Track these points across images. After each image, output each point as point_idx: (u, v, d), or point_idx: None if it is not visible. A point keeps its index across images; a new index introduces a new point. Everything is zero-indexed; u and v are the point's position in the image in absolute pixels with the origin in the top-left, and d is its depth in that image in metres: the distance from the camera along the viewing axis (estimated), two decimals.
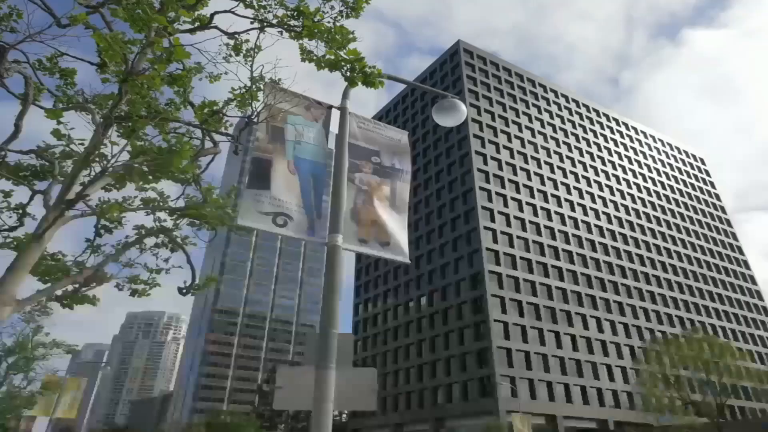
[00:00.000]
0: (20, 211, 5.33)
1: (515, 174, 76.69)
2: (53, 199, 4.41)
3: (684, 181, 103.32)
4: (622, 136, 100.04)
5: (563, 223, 76.26)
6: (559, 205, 78.10)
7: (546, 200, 77.01)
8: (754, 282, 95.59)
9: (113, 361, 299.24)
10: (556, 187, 79.90)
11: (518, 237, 70.03)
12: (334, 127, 6.21)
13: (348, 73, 5.62)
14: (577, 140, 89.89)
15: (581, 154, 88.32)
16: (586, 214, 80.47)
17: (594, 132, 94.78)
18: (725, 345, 45.46)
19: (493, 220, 69.06)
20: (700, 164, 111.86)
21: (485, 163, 74.28)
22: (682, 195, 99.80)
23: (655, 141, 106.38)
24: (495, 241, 67.37)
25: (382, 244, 5.65)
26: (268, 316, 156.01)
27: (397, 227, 5.86)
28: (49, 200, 4.47)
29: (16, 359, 21.95)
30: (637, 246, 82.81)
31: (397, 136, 6.59)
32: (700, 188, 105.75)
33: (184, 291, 6.10)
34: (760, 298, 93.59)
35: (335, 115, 6.24)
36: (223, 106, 5.69)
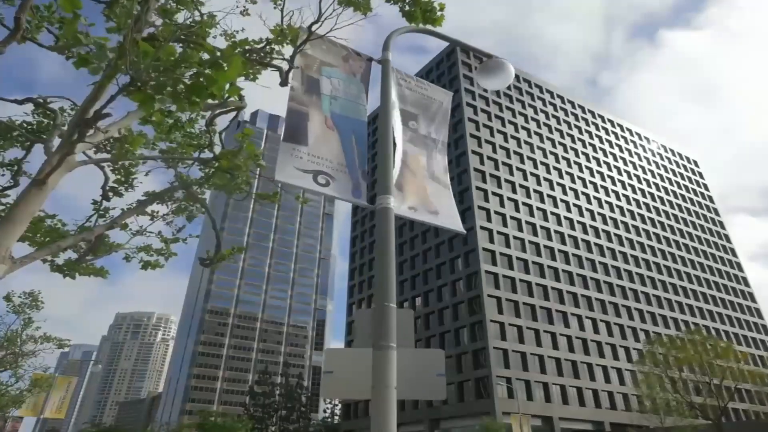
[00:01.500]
0: (14, 168, 4.59)
1: (512, 174, 76.30)
2: (56, 147, 3.67)
3: (678, 183, 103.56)
4: (617, 137, 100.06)
5: (559, 223, 75.97)
6: (555, 205, 77.82)
7: (542, 201, 76.68)
8: (746, 284, 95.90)
9: (101, 362, 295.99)
10: (552, 188, 79.63)
11: (514, 237, 69.60)
12: (372, 84, 5.52)
13: (408, 7, 4.90)
14: (573, 141, 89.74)
15: (577, 155, 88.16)
16: (582, 215, 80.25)
17: (590, 133, 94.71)
18: (727, 346, 45.16)
19: (489, 219, 68.56)
20: (693, 166, 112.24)
21: (482, 162, 73.82)
22: (676, 197, 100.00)
23: (649, 143, 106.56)
24: (491, 241, 66.87)
25: (431, 212, 4.95)
26: (259, 316, 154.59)
27: (443, 197, 5.18)
28: (51, 148, 3.72)
29: (4, 355, 20.98)
30: (632, 247, 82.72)
31: (439, 98, 5.90)
32: (694, 190, 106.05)
33: (207, 262, 5.36)
34: (753, 300, 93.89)
35: (375, 70, 5.55)
36: (264, 46, 4.91)
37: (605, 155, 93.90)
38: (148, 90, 2.67)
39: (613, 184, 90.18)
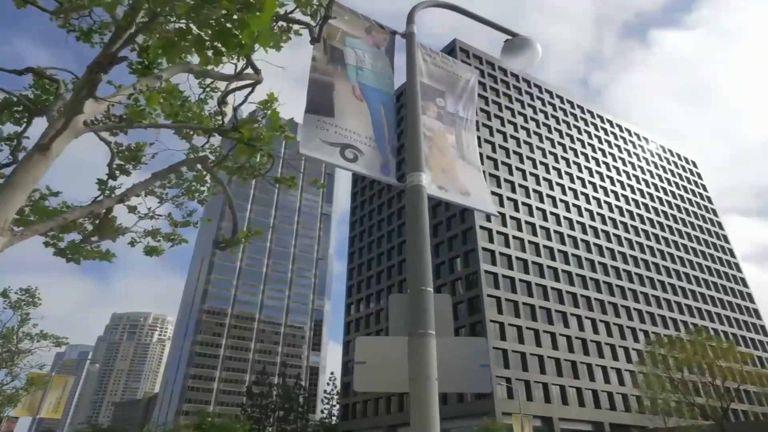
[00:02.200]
0: (14, 142, 4.22)
1: (511, 174, 76.06)
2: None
3: (676, 183, 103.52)
4: (615, 137, 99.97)
5: (559, 223, 75.76)
6: (555, 205, 77.61)
7: (542, 200, 76.47)
8: (745, 284, 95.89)
9: (98, 361, 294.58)
10: (551, 188, 79.43)
11: (514, 237, 69.34)
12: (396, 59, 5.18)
13: None
14: (572, 141, 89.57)
15: (576, 155, 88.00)
16: (581, 214, 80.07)
17: (588, 133, 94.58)
18: (729, 347, 44.96)
19: (489, 219, 68.26)
20: (691, 166, 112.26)
21: (481, 161, 73.18)
22: (674, 197, 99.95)
23: (648, 143, 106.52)
24: (491, 240, 66.59)
25: (462, 193, 4.61)
26: (256, 316, 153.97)
27: (474, 178, 4.84)
28: (53, 117, 3.36)
29: (0, 352, 20.47)
30: (632, 247, 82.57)
31: (465, 75, 5.56)
32: (692, 190, 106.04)
33: (223, 245, 5.00)
34: (751, 300, 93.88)
35: (398, 44, 5.21)
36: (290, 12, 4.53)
37: (604, 155, 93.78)
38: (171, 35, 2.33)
39: (612, 184, 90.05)
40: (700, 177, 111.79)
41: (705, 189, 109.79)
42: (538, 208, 74.96)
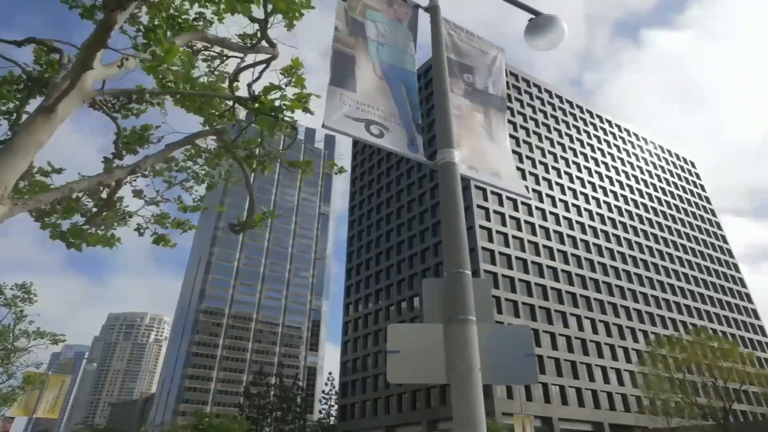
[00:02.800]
0: (13, 116, 3.91)
1: None
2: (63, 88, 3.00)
3: (675, 183, 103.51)
4: (614, 137, 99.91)
5: (558, 223, 75.59)
6: (554, 205, 77.44)
7: (541, 200, 76.28)
8: (743, 285, 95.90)
9: (96, 359, 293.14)
10: (550, 187, 79.25)
11: (514, 237, 69.13)
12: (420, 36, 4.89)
13: None
14: (572, 141, 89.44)
15: (575, 155, 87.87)
16: (580, 214, 79.92)
17: (588, 133, 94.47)
18: (732, 347, 44.76)
19: (488, 218, 68.07)
20: (689, 167, 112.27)
21: None
22: (673, 197, 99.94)
23: (647, 143, 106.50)
24: (491, 240, 66.37)
25: (492, 174, 4.33)
26: (254, 316, 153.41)
27: (503, 159, 4.55)
28: (56, 83, 3.06)
29: None
30: (631, 247, 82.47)
31: (492, 52, 5.27)
32: (691, 191, 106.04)
33: (238, 227, 4.70)
34: (750, 300, 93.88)
35: (422, 18, 4.92)
36: None
37: (603, 155, 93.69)
38: None
39: (611, 183, 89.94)
40: (698, 177, 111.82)
41: (703, 189, 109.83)
42: (537, 208, 74.78)
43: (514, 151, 78.94)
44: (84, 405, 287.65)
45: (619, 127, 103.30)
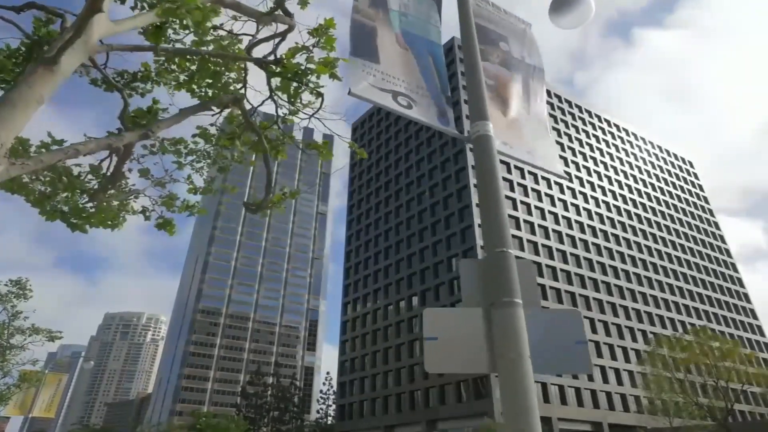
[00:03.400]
0: (11, 84, 3.59)
1: (509, 172, 75.56)
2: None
3: (673, 183, 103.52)
4: (613, 137, 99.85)
5: (557, 222, 75.40)
6: (553, 204, 77.25)
7: (540, 199, 76.08)
8: (741, 285, 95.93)
9: (92, 358, 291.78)
10: (549, 186, 79.06)
11: (513, 236, 68.83)
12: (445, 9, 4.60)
13: None
14: (570, 140, 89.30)
15: (574, 154, 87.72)
16: (579, 213, 79.76)
17: (586, 132, 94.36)
18: (733, 347, 44.61)
19: None
20: (688, 167, 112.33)
21: None
22: (671, 197, 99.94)
23: (645, 143, 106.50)
24: None
25: (528, 151, 4.04)
26: (251, 316, 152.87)
27: (540, 134, 4.26)
28: (58, 38, 2.75)
29: None
30: (629, 247, 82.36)
31: (520, 26, 4.98)
32: (689, 190, 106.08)
33: (253, 207, 4.39)
34: (748, 300, 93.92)
35: None
36: None
37: (602, 154, 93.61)
38: None
39: (610, 183, 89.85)
40: (696, 177, 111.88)
41: (701, 189, 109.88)
42: (536, 207, 74.57)
43: None
44: (80, 405, 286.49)
45: (617, 126, 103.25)
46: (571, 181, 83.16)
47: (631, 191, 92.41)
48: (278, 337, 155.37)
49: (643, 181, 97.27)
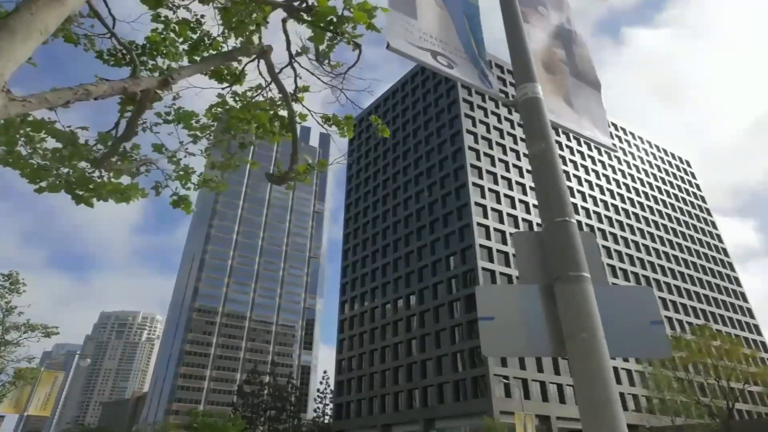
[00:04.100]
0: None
1: (507, 171, 75.47)
2: None
3: (671, 183, 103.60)
4: (611, 136, 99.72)
5: None
6: None
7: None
8: (738, 284, 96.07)
9: (89, 355, 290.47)
10: None
11: (511, 234, 68.59)
12: None
13: None
14: (568, 139, 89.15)
15: (572, 153, 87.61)
16: (577, 212, 79.61)
17: None
18: (734, 346, 44.53)
19: (486, 216, 67.60)
20: (685, 166, 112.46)
21: (478, 159, 72.84)
22: (669, 196, 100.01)
23: (642, 142, 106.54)
24: (488, 237, 65.90)
25: (576, 119, 3.72)
26: (247, 315, 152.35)
27: (589, 100, 3.92)
28: None
29: None
30: (627, 246, 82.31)
31: None
32: (686, 190, 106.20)
33: (276, 178, 4.05)
34: (745, 299, 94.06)
35: None
36: None
37: (600, 153, 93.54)
38: None
39: (608, 182, 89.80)
40: (693, 176, 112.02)
41: (698, 188, 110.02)
42: (535, 206, 74.36)
43: (511, 149, 78.56)
44: (75, 404, 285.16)
45: (614, 125, 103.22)
46: (569, 179, 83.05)
47: (629, 190, 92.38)
48: (275, 336, 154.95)
49: (641, 180, 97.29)
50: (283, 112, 4.83)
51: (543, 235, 2.67)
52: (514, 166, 76.76)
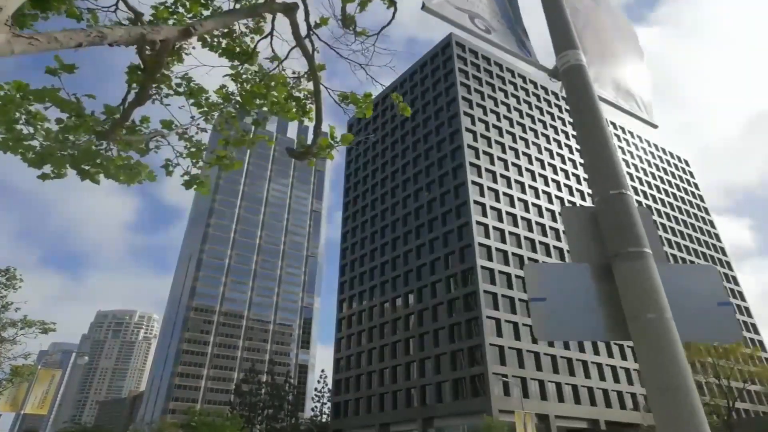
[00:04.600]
0: None
1: (507, 169, 75.29)
2: None
3: (669, 182, 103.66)
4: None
5: (554, 219, 75.15)
6: (551, 201, 76.99)
7: (537, 196, 75.80)
8: (736, 283, 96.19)
9: (87, 353, 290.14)
10: (546, 184, 78.80)
11: (510, 233, 68.54)
12: None
13: None
14: (567, 138, 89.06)
15: (571, 152, 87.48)
16: None
17: None
18: (735, 345, 44.47)
19: (485, 215, 67.41)
20: (684, 165, 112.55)
21: (477, 157, 72.64)
22: (668, 195, 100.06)
23: (641, 141, 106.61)
24: (487, 236, 65.72)
25: (620, 91, 3.49)
26: (245, 314, 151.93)
27: (635, 73, 3.70)
28: None
29: None
30: None
31: None
32: (685, 189, 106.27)
33: (299, 152, 3.79)
34: (743, 299, 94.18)
35: None
36: None
37: None
38: None
39: None
40: (692, 175, 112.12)
41: (697, 187, 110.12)
42: (534, 204, 74.31)
43: (510, 147, 78.38)
44: (72, 403, 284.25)
45: (613, 124, 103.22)
46: (568, 178, 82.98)
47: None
48: (272, 335, 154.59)
49: (639, 179, 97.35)
50: (298, 94, 4.59)
51: (596, 210, 2.45)
52: (513, 164, 76.58)
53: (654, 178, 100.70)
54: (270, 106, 3.92)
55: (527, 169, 77.76)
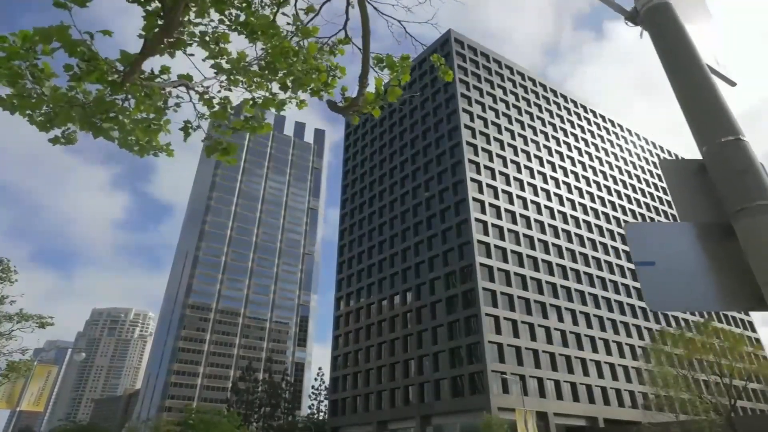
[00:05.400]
0: None
1: (506, 166, 75.04)
2: None
3: (661, 176, 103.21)
4: (608, 132, 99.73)
5: (553, 217, 74.98)
6: (549, 199, 76.81)
7: (536, 194, 75.59)
8: None
9: (83, 349, 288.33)
10: (545, 181, 78.61)
11: (509, 230, 68.28)
12: None
13: None
14: (566, 135, 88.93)
15: (569, 149, 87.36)
16: (574, 208, 79.41)
17: (582, 128, 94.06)
18: (737, 342, 44.30)
19: (484, 212, 67.13)
20: None
21: (476, 154, 72.32)
22: (665, 192, 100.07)
23: (631, 135, 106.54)
24: (486, 233, 65.44)
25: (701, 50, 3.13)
26: (241, 312, 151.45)
27: (712, 28, 3.34)
28: None
29: None
30: (624, 242, 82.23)
31: None
32: None
33: (341, 105, 3.42)
34: None
35: None
36: None
37: (597, 150, 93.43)
38: None
39: (605, 178, 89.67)
40: None
41: None
42: (532, 201, 74.08)
43: (509, 144, 78.12)
44: (67, 401, 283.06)
45: (612, 122, 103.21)
46: (566, 176, 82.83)
47: (625, 186, 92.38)
48: (268, 333, 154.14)
49: (637, 176, 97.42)
50: (325, 63, 4.20)
51: (705, 162, 2.09)
52: (512, 161, 76.33)
53: (651, 175, 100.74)
54: (300, 65, 3.51)
55: (526, 167, 77.57)
